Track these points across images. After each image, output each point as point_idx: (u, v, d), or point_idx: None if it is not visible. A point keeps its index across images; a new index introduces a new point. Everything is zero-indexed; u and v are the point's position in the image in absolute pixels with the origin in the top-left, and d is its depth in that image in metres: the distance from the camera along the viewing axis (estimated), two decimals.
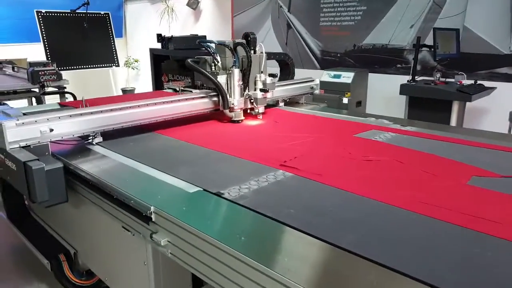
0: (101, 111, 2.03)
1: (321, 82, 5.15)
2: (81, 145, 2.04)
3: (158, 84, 6.86)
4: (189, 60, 2.62)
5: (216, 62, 2.60)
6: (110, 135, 2.13)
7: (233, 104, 2.59)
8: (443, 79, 4.04)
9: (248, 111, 2.72)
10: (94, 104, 2.28)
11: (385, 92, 5.13)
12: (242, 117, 2.65)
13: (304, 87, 3.28)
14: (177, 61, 6.57)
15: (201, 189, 1.46)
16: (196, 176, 1.60)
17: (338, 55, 5.73)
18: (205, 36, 6.92)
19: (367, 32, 5.34)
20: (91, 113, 1.98)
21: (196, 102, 2.53)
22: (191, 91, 3.83)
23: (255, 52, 2.69)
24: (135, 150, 1.99)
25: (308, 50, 6.12)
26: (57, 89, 5.23)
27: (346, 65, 5.59)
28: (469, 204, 1.33)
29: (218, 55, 2.57)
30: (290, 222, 1.19)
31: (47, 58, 6.90)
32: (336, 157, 1.84)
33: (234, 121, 2.61)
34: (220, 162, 1.77)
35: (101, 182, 1.56)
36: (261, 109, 2.70)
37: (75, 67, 7.21)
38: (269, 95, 2.72)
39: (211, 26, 7.42)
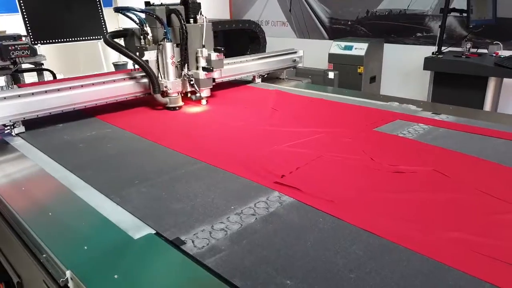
0: (19, 96, 1.66)
1: (330, 54, 4.55)
2: None
3: None
4: (108, 34, 2.03)
5: (146, 35, 2.01)
6: (38, 123, 1.78)
7: (166, 87, 2.08)
8: (474, 50, 3.41)
9: (189, 95, 2.19)
10: None
11: (403, 66, 4.50)
12: (180, 103, 2.10)
13: (286, 60, 2.77)
14: None
15: (153, 232, 0.97)
16: (152, 205, 1.10)
17: (349, 23, 5.05)
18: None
19: None
20: (4, 98, 1.62)
21: (116, 86, 2.00)
22: None
23: (195, 21, 2.13)
24: (66, 149, 1.55)
25: (314, 18, 5.43)
26: (33, 66, 4.69)
27: (358, 34, 4.93)
28: None
29: (147, 25, 2.02)
30: None
31: (27, 30, 6.28)
32: (354, 167, 1.32)
33: (169, 108, 2.07)
34: (190, 178, 1.27)
35: (6, 208, 1.08)
36: (205, 92, 2.16)
37: (58, 41, 6.58)
38: (216, 74, 2.16)
39: None
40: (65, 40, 6.62)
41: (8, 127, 1.69)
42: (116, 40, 2.04)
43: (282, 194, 1.14)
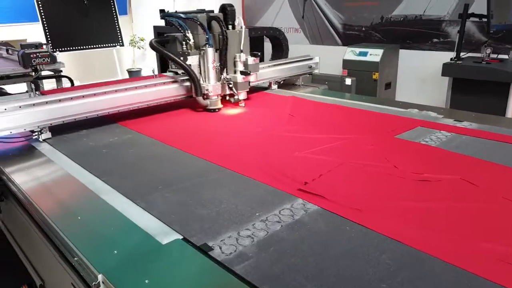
0: (46, 102, 1.70)
1: (344, 61, 4.54)
2: (25, 143, 1.73)
3: (164, 65, 6.37)
4: (153, 40, 2.17)
5: (188, 40, 2.11)
6: (65, 129, 1.81)
7: (207, 90, 2.13)
8: (494, 56, 3.36)
9: (227, 97, 2.30)
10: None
11: (419, 72, 4.46)
12: (220, 105, 2.19)
13: (301, 66, 2.79)
14: None
15: (181, 237, 0.98)
16: (177, 210, 1.11)
17: (363, 29, 5.04)
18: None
19: (398, 1, 4.62)
20: (33, 105, 1.66)
21: (163, 89, 2.12)
22: None
23: (233, 28, 2.24)
24: (91, 155, 1.58)
25: (328, 24, 5.43)
26: (52, 73, 4.79)
27: (372, 40, 4.91)
28: None
29: (189, 31, 2.12)
30: None
31: (46, 39, 6.46)
32: (378, 175, 1.31)
33: (209, 110, 2.16)
34: (213, 184, 1.27)
35: (38, 212, 1.11)
36: (242, 95, 2.27)
37: (76, 48, 6.75)
38: (252, 78, 2.29)
39: (220, 0, 6.77)
40: (82, 47, 6.80)
41: (36, 133, 1.71)
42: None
43: (306, 201, 1.13)
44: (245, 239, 0.95)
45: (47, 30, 6.47)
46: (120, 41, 7.24)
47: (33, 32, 6.72)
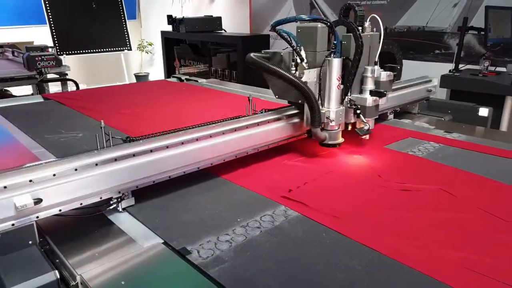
0: (133, 155, 1.13)
1: None
2: (98, 215, 1.14)
3: (170, 70, 6.46)
4: (252, 54, 1.53)
5: (300, 61, 1.51)
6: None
7: (327, 117, 1.55)
8: (492, 69, 3.37)
9: (349, 127, 1.67)
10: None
11: None
12: (341, 139, 1.61)
13: (418, 91, 2.19)
14: (190, 45, 6.13)
15: (161, 241, 1.01)
16: (162, 214, 1.15)
17: None
18: (219, 18, 6.29)
19: (401, 13, 4.65)
20: (115, 159, 1.09)
21: (270, 128, 1.53)
22: (197, 81, 3.37)
23: (363, 32, 1.60)
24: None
25: None
26: (58, 76, 4.89)
27: None
28: None
29: (302, 48, 1.52)
30: None
31: (53, 42, 6.58)
32: (361, 183, 1.34)
33: (328, 145, 1.59)
34: (199, 189, 1.31)
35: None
36: (370, 123, 1.62)
37: (83, 51, 6.87)
38: (382, 101, 1.61)
39: (227, 7, 6.86)
40: (90, 51, 6.91)
41: (115, 200, 1.15)
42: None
43: (288, 208, 1.17)
44: (223, 244, 0.99)
45: (54, 33, 6.59)
46: (128, 45, 7.35)
47: (41, 34, 6.86)
